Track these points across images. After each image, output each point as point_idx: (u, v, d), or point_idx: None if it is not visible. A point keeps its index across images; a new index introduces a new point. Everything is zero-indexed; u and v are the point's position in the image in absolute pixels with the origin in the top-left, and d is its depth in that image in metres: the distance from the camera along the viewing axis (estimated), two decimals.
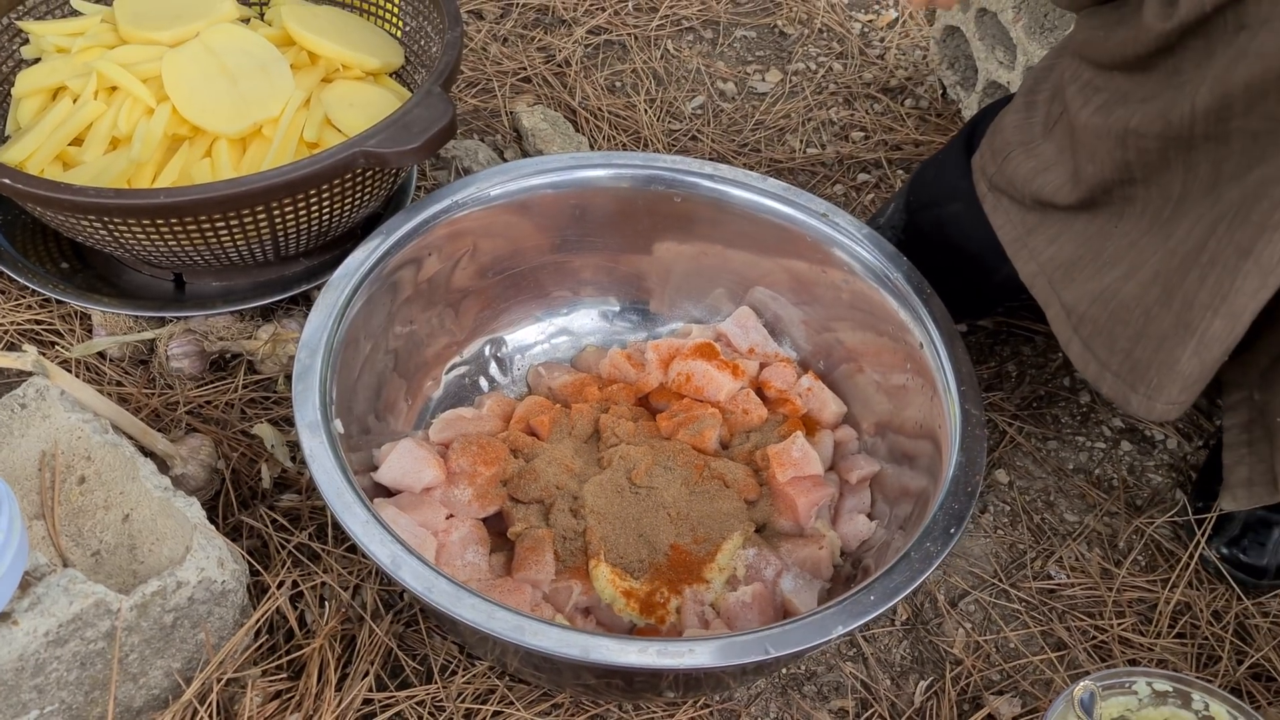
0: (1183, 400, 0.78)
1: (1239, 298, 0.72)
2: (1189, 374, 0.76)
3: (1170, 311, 0.77)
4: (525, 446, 0.93)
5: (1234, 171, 0.73)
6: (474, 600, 0.69)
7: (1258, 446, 0.87)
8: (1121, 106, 0.80)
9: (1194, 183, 0.76)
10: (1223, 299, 0.73)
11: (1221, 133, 0.72)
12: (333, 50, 1.09)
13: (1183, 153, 0.75)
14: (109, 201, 0.88)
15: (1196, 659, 0.90)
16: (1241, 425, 0.88)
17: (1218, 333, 0.74)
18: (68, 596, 0.67)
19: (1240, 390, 0.88)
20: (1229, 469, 0.89)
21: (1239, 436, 0.88)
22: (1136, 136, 0.77)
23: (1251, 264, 0.71)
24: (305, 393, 0.79)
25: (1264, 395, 0.86)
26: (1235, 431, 0.89)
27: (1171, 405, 0.78)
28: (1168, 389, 0.78)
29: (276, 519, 0.91)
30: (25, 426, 0.80)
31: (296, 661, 0.83)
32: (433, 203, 0.93)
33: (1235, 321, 0.73)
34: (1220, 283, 0.73)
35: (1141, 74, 0.79)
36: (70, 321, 1.04)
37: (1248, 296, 0.72)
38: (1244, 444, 0.88)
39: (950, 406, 0.85)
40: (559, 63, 1.42)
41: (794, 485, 0.90)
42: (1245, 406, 0.87)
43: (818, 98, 1.42)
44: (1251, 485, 0.87)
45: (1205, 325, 0.74)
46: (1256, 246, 0.71)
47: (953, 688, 0.87)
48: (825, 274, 0.97)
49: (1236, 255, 0.72)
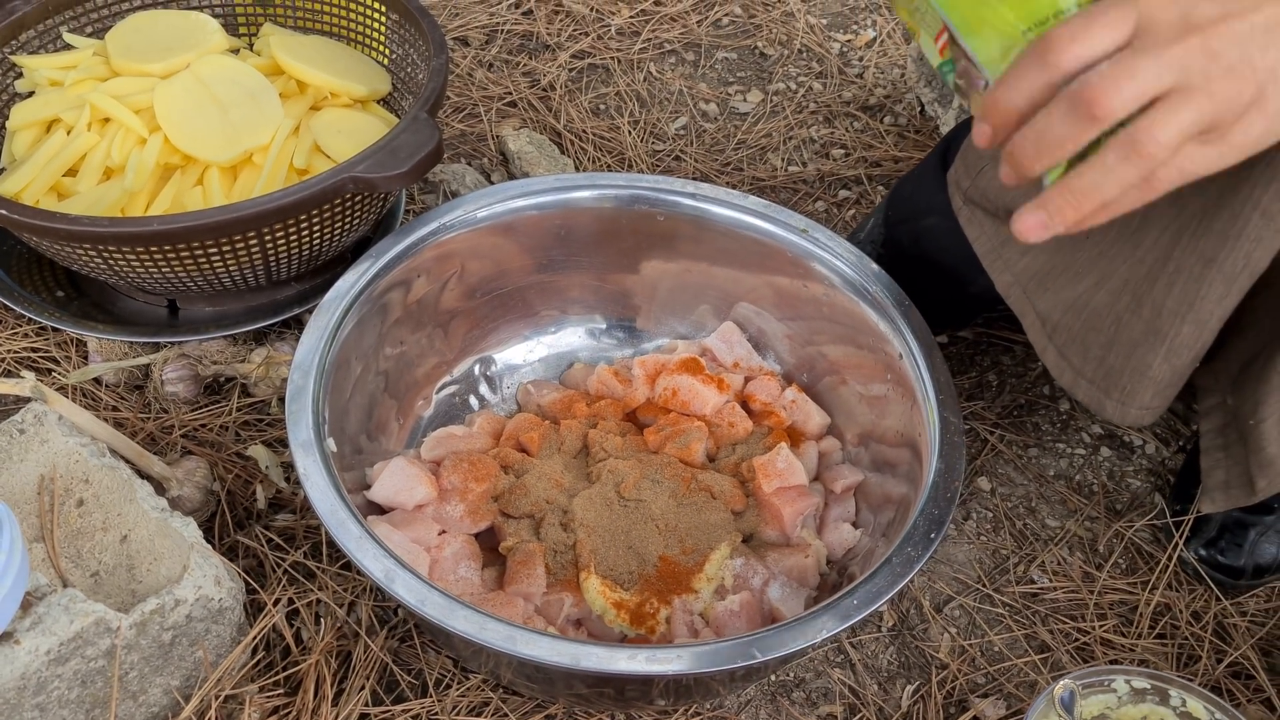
0: (1155, 405, 0.80)
1: (1205, 304, 0.74)
2: (1160, 379, 0.78)
3: (1140, 319, 0.79)
4: (515, 463, 0.95)
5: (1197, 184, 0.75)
6: (466, 612, 0.71)
7: (1233, 450, 0.89)
8: None
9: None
10: (1189, 306, 0.75)
11: None
12: (321, 79, 1.11)
13: None
14: (104, 230, 0.90)
15: (1177, 659, 0.92)
16: (1216, 430, 0.90)
17: (1186, 339, 0.76)
18: (68, 615, 0.69)
19: (1213, 396, 0.90)
20: (1206, 472, 0.91)
21: (1214, 441, 0.90)
22: None
23: (1215, 272, 0.73)
24: (298, 413, 0.81)
25: (1236, 399, 0.88)
26: (1210, 436, 0.91)
27: (1145, 410, 0.80)
28: (1140, 394, 0.80)
29: (272, 538, 0.92)
30: (24, 451, 0.81)
31: (293, 677, 0.84)
32: (421, 225, 0.95)
33: (1202, 328, 0.75)
34: (1187, 290, 0.75)
35: None
36: (66, 349, 1.06)
37: (1213, 303, 0.74)
38: (1219, 448, 0.90)
39: (929, 415, 0.87)
40: (544, 87, 1.44)
41: (779, 495, 0.92)
42: (1219, 411, 0.89)
43: (798, 117, 1.44)
44: (1229, 488, 0.89)
45: (1174, 332, 0.77)
46: (1220, 255, 0.73)
47: (939, 691, 0.89)
48: (806, 288, 1.00)
49: (1201, 264, 0.74)
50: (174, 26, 1.13)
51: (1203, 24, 0.54)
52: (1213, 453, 0.90)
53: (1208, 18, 0.53)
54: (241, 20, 1.21)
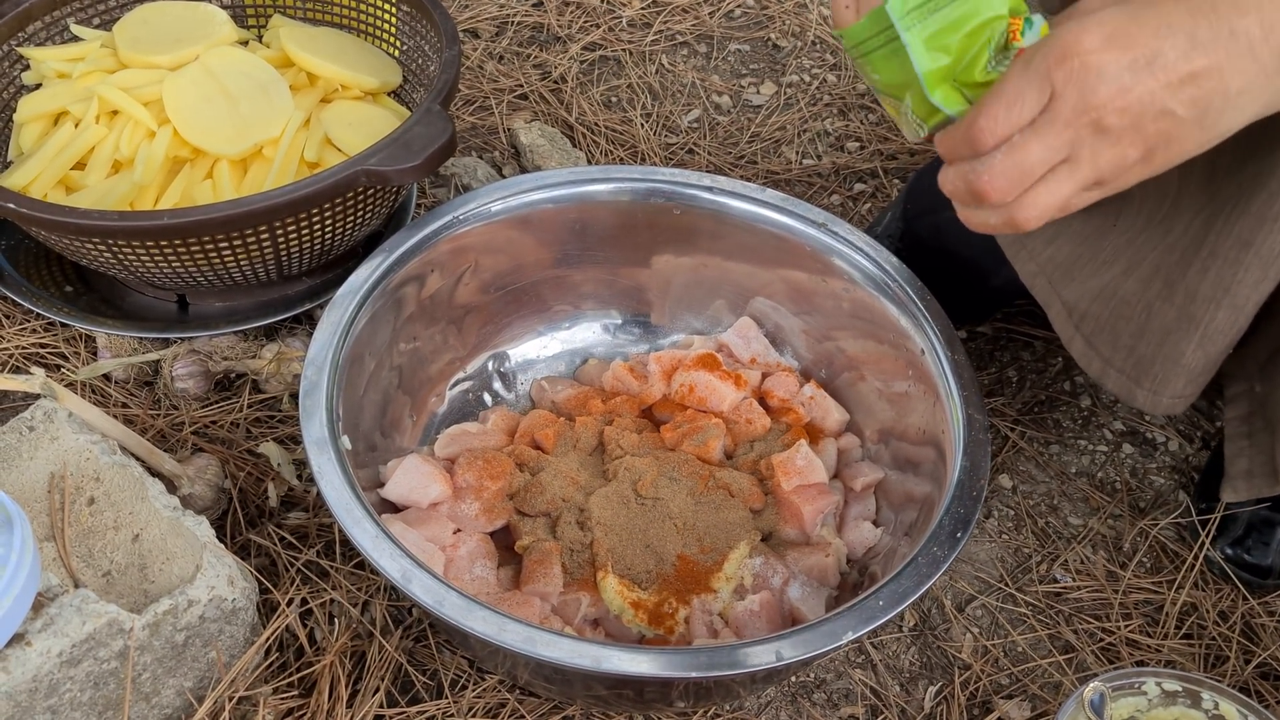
0: (1188, 394, 0.78)
1: (1241, 289, 0.73)
2: (1194, 367, 0.77)
3: (1172, 306, 0.77)
4: (530, 460, 0.93)
5: (1230, 166, 0.74)
6: (485, 613, 0.70)
7: (1258, 438, 0.88)
8: None
9: (1190, 179, 0.77)
10: (1225, 291, 0.74)
11: None
12: (331, 70, 1.10)
13: None
14: (113, 224, 0.89)
15: (1204, 659, 0.90)
16: (1241, 417, 0.89)
17: (1221, 325, 0.75)
18: (80, 616, 0.68)
19: (1241, 382, 0.89)
20: (1230, 460, 0.89)
21: (1239, 428, 0.89)
22: None
23: (1252, 255, 0.72)
24: (312, 409, 0.80)
25: (1264, 387, 0.87)
26: (1235, 423, 0.89)
27: (1177, 399, 0.79)
28: (1173, 383, 0.78)
29: (284, 536, 0.91)
30: (34, 449, 0.80)
31: (307, 679, 0.83)
32: (434, 219, 0.94)
33: (1238, 313, 0.74)
34: (1222, 275, 0.74)
35: None
36: (75, 344, 1.04)
37: (1249, 288, 0.73)
38: (1244, 435, 0.88)
39: (953, 412, 0.85)
40: (555, 79, 1.43)
41: (799, 494, 0.91)
42: (1245, 399, 0.88)
43: (812, 109, 1.43)
44: (1251, 476, 0.88)
45: (1209, 318, 0.75)
46: (1257, 238, 0.71)
47: (962, 692, 0.88)
48: (825, 283, 0.98)
49: (1237, 247, 0.72)
50: (182, 18, 1.11)
51: (1099, 103, 0.56)
52: (1237, 440, 0.88)
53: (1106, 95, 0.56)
54: (250, 12, 1.20)
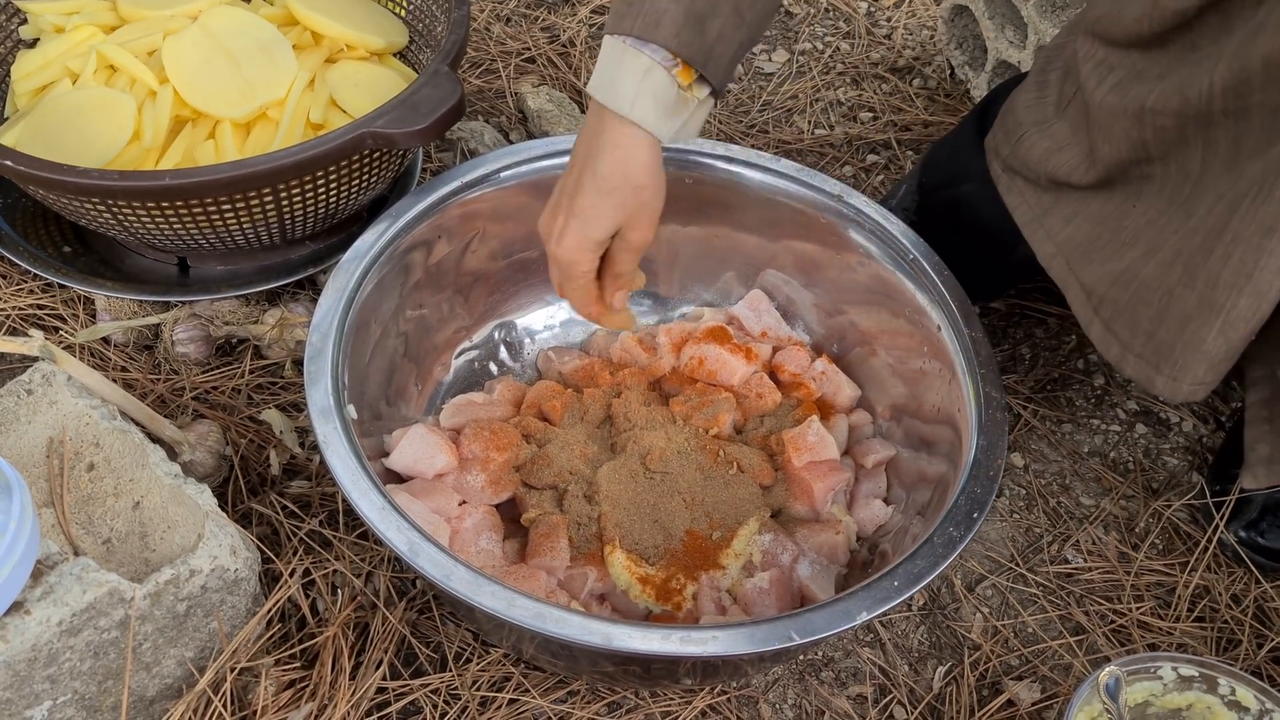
0: (1209, 381, 0.77)
1: (1265, 275, 0.71)
2: (1215, 354, 0.75)
3: (1194, 291, 0.76)
4: (537, 432, 0.92)
5: (1255, 147, 0.72)
6: (494, 588, 0.68)
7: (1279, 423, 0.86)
8: (1138, 84, 0.78)
9: (1214, 160, 0.75)
10: (1248, 277, 0.72)
11: (1241, 108, 0.71)
12: (337, 30, 1.07)
13: (1202, 130, 0.74)
14: (113, 184, 0.87)
15: (1216, 643, 0.89)
16: (1262, 402, 0.87)
17: (1244, 311, 0.73)
18: (81, 585, 0.66)
19: (1262, 366, 0.87)
20: (1250, 446, 0.88)
21: (1260, 413, 0.87)
22: (1154, 114, 0.76)
23: (1276, 241, 0.70)
24: (317, 375, 0.78)
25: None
26: (1256, 408, 0.88)
27: (1198, 386, 0.77)
28: (1194, 369, 0.77)
29: (287, 505, 0.90)
30: (32, 413, 0.78)
31: (310, 650, 0.82)
32: (442, 184, 0.92)
33: (1261, 300, 0.72)
34: (1245, 261, 0.72)
35: (1158, 50, 0.77)
36: (74, 306, 1.02)
37: (1273, 274, 0.71)
38: (1264, 420, 0.87)
39: (969, 390, 0.84)
40: (563, 43, 1.40)
41: (810, 470, 0.89)
42: (1267, 383, 0.86)
43: (825, 78, 1.40)
44: (1273, 463, 0.86)
45: (1231, 304, 0.73)
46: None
47: (971, 673, 0.87)
48: (839, 256, 0.96)
49: (1260, 233, 0.71)
50: None
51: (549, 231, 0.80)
52: (1257, 425, 0.87)
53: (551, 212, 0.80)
54: None
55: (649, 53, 0.73)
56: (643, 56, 0.73)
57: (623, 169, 0.76)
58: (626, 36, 0.74)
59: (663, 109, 0.74)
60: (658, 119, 0.75)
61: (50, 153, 0.91)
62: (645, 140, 0.76)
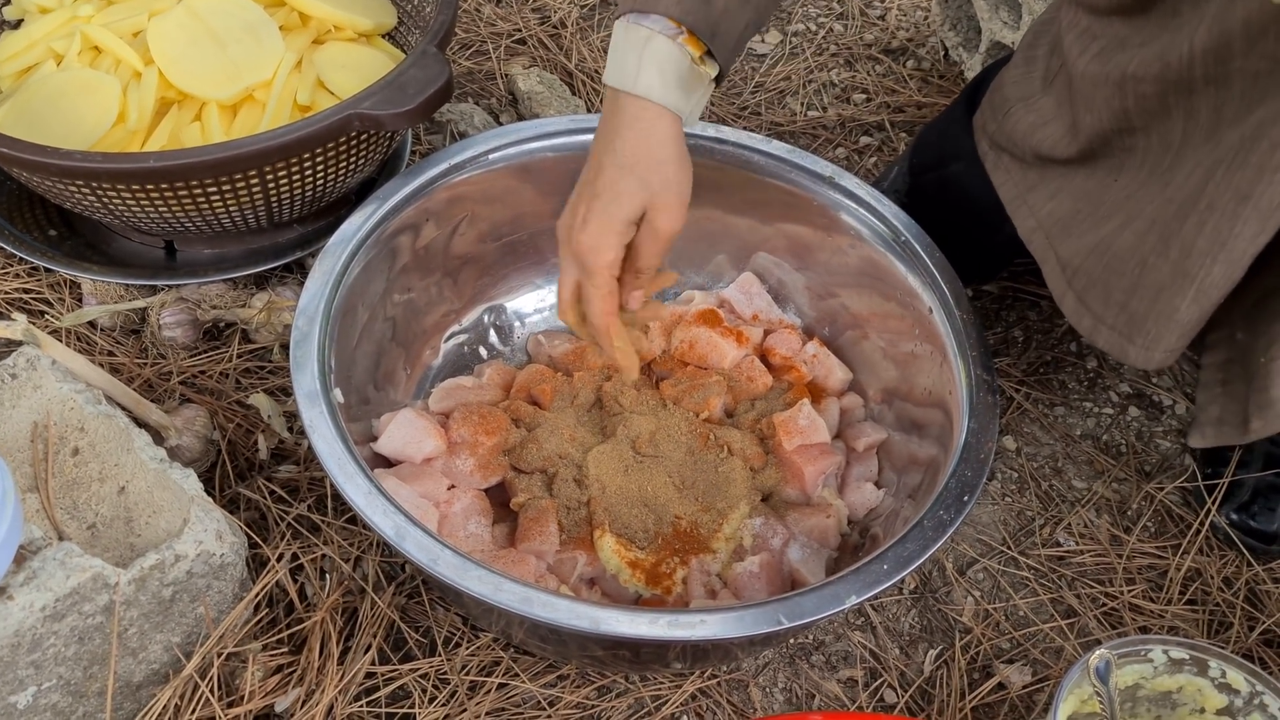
0: (1179, 347, 0.77)
1: (1238, 243, 0.71)
2: (1187, 321, 0.75)
3: (1167, 260, 0.75)
4: (527, 416, 0.91)
5: (1234, 115, 0.71)
6: (480, 572, 0.68)
7: (1232, 386, 0.86)
8: (1119, 52, 0.78)
9: (1194, 129, 0.74)
10: (1221, 245, 0.72)
11: (1222, 74, 0.70)
12: (324, 10, 1.06)
13: (1183, 97, 0.73)
14: (97, 166, 0.86)
15: (1208, 625, 0.89)
16: (1219, 364, 0.87)
17: (1217, 279, 0.73)
18: (64, 570, 0.66)
19: (1223, 328, 0.86)
20: (1201, 406, 0.87)
21: (1214, 375, 0.87)
22: (1135, 82, 0.76)
23: (1250, 209, 0.70)
24: (303, 360, 0.77)
25: (1247, 335, 0.84)
26: (1212, 370, 0.87)
27: (1170, 353, 0.78)
28: (1166, 338, 0.77)
29: (274, 490, 0.89)
30: (16, 397, 0.78)
31: (297, 635, 0.81)
32: (430, 166, 0.91)
33: (1234, 267, 0.72)
34: (1219, 229, 0.71)
35: (1140, 17, 0.77)
36: (59, 290, 1.02)
37: (1247, 241, 0.71)
38: (1219, 383, 0.87)
39: (960, 372, 0.83)
40: (554, 24, 1.39)
41: (801, 454, 0.89)
42: (1225, 345, 0.86)
43: (818, 59, 1.39)
44: (1221, 424, 0.86)
45: (1204, 273, 0.73)
46: (1256, 190, 0.69)
47: (962, 656, 0.86)
48: (830, 239, 0.96)
49: (1235, 200, 0.70)
50: None
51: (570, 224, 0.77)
52: (1211, 387, 0.87)
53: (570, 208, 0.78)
54: None
55: (649, 24, 0.72)
56: (642, 29, 0.73)
57: (644, 143, 0.74)
58: (629, 15, 0.73)
59: (673, 80, 0.73)
60: (666, 91, 0.73)
61: (35, 135, 0.90)
62: (663, 115, 0.74)
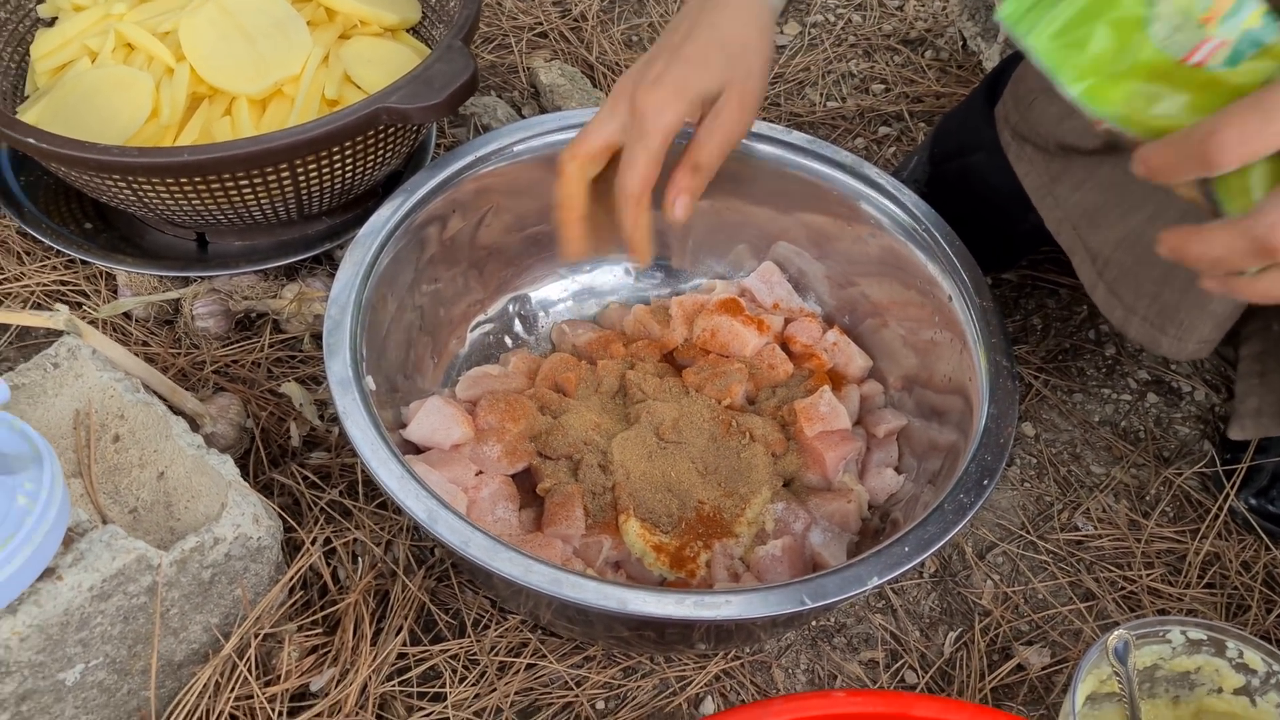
0: (1214, 338, 0.78)
1: None
2: (1220, 312, 0.76)
3: None
4: (552, 403, 0.93)
5: None
6: (510, 554, 0.70)
7: (1270, 378, 0.86)
8: None
9: None
10: None
11: None
12: (350, 6, 1.08)
13: None
14: (133, 160, 0.88)
15: (1226, 608, 0.90)
16: (1255, 355, 0.87)
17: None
18: (110, 552, 0.68)
19: (1259, 319, 0.87)
20: (1239, 398, 0.88)
21: (1252, 366, 0.87)
22: None
23: None
24: (336, 347, 0.79)
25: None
26: (1249, 361, 0.88)
27: (1204, 344, 0.78)
28: (1200, 328, 0.77)
29: (307, 476, 0.91)
30: (59, 386, 0.80)
31: (331, 616, 0.83)
32: (456, 159, 0.92)
33: None
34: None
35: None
36: (95, 282, 1.04)
37: None
38: (1256, 374, 0.87)
39: (980, 359, 0.84)
40: (575, 17, 1.40)
41: (822, 440, 0.90)
42: (1261, 336, 0.86)
43: (837, 50, 1.40)
44: (1260, 415, 0.86)
45: None
46: None
47: (982, 638, 0.88)
48: (850, 228, 0.97)
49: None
50: None
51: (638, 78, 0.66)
52: (1249, 378, 0.87)
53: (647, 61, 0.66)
54: None
55: None
56: None
57: (743, 27, 0.73)
58: None
59: None
60: None
61: (70, 131, 0.92)
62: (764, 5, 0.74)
